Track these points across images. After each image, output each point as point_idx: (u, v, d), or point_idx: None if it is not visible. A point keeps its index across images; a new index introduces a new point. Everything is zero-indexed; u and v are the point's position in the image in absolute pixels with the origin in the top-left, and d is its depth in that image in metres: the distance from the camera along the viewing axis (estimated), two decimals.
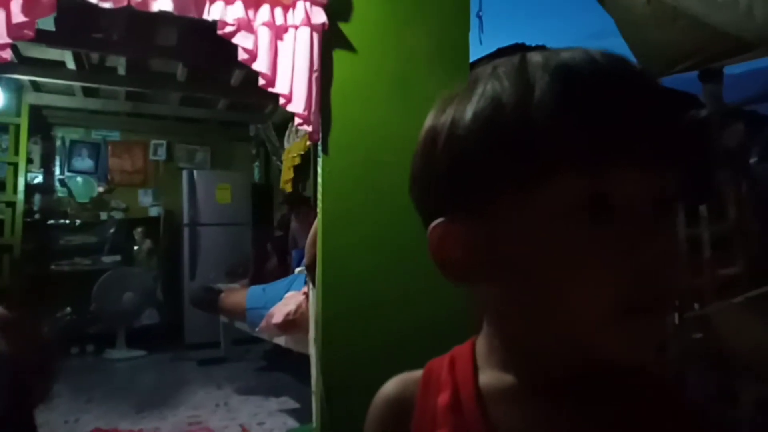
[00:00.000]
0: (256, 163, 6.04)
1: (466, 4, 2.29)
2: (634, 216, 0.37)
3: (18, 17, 1.61)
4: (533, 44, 3.18)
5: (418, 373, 0.52)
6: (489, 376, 0.45)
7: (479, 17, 2.54)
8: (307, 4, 1.91)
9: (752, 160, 2.80)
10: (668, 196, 0.38)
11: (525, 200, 0.37)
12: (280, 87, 1.91)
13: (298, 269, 3.38)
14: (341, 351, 2.03)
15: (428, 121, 0.44)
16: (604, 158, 0.36)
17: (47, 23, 2.88)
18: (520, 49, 3.29)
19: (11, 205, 4.43)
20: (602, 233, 0.36)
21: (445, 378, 0.47)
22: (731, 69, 3.01)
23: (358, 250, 2.07)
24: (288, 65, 1.91)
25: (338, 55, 2.06)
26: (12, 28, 1.62)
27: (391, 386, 0.54)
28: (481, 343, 0.47)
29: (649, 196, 0.37)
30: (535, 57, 0.40)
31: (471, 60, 2.32)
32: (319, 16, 1.94)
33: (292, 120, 4.36)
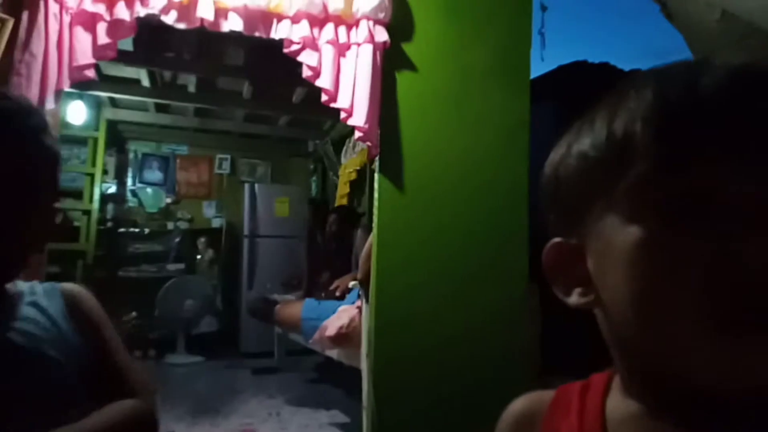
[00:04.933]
0: (314, 178, 6.17)
1: (527, 22, 2.28)
2: (731, 210, 0.31)
3: (103, 39, 1.74)
4: (596, 61, 3.11)
5: (549, 393, 0.51)
6: (616, 402, 0.43)
7: (541, 34, 2.52)
8: (370, 23, 1.96)
9: None
10: None
11: (611, 206, 0.37)
12: (342, 101, 1.96)
13: (351, 283, 3.41)
14: (392, 364, 2.03)
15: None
16: (688, 153, 0.32)
17: (125, 43, 3.08)
18: (582, 66, 3.21)
19: (87, 212, 4.72)
20: (692, 231, 0.32)
21: (575, 402, 0.47)
22: None
23: (412, 266, 2.08)
24: (350, 80, 1.96)
25: (399, 73, 2.09)
26: (97, 49, 1.75)
27: (520, 403, 0.54)
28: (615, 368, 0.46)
29: (754, 192, 0.31)
30: (640, 88, 0.37)
31: (532, 77, 2.30)
32: (382, 35, 1.98)
33: (350, 136, 4.45)
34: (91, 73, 1.80)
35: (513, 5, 2.25)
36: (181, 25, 1.83)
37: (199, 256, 5.43)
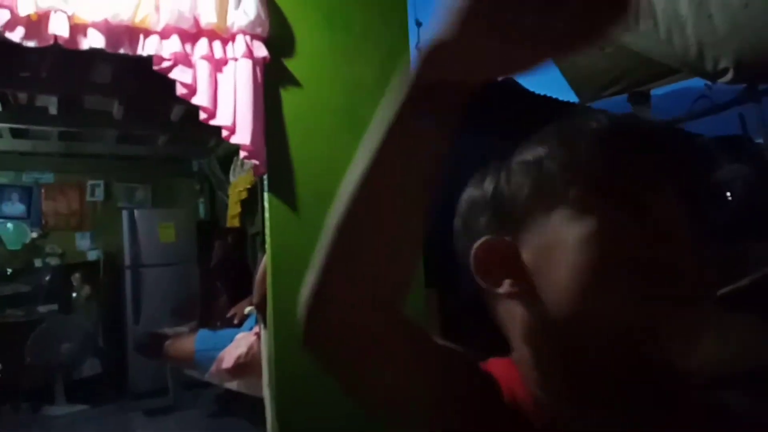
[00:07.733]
0: (201, 199, 5.87)
1: (404, 36, 2.32)
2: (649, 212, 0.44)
3: None
4: None
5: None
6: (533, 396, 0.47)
7: (419, 49, 2.58)
8: (248, 37, 1.88)
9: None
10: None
11: (559, 207, 0.45)
12: (222, 119, 1.86)
13: (247, 309, 3.27)
14: (296, 393, 1.95)
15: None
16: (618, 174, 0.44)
17: None
18: None
19: None
20: (627, 223, 0.43)
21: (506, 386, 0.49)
22: (657, 90, 3.19)
23: None
24: (230, 97, 1.86)
25: (283, 88, 2.03)
26: None
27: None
28: (520, 365, 0.49)
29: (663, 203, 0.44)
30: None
31: None
32: (260, 50, 1.91)
33: (237, 153, 4.28)
34: None
35: (388, 21, 2.27)
36: (31, 43, 1.64)
37: (74, 294, 4.94)
